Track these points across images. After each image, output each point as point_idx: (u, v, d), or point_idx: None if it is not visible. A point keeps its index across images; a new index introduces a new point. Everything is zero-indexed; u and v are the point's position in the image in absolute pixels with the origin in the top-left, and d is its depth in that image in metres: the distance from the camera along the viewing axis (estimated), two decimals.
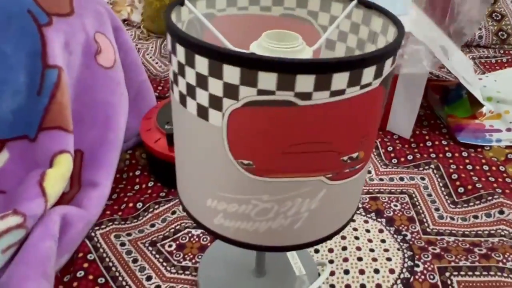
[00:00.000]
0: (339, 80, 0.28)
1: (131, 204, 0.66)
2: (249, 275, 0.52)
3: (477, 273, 0.55)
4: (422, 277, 0.55)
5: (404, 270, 0.56)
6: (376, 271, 0.55)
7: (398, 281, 0.54)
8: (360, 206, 0.66)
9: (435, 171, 0.73)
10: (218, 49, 0.28)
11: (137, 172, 0.72)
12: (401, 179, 0.72)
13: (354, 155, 0.33)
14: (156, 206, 0.65)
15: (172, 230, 0.61)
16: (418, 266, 0.56)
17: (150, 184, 0.70)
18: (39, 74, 0.58)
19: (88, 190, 0.62)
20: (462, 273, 0.55)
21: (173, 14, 0.36)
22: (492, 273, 0.55)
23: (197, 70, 0.30)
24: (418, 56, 0.72)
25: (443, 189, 0.71)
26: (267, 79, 0.27)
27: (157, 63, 1.09)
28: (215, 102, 0.30)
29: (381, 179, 0.72)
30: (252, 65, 0.27)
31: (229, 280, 0.52)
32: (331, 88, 0.28)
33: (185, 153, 0.36)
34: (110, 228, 0.61)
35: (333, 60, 0.27)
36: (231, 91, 0.29)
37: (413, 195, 0.69)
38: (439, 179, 0.72)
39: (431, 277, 0.54)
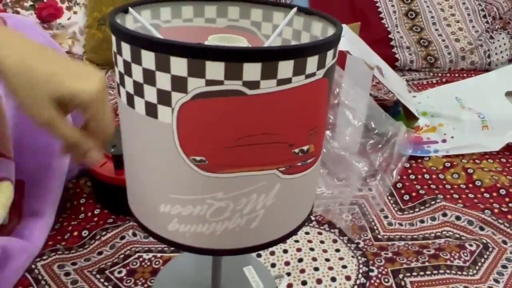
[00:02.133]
0: (285, 68, 0.29)
1: (75, 233, 0.62)
2: None
3: (428, 272, 0.56)
4: (377, 281, 0.55)
5: (360, 275, 0.56)
6: (333, 279, 0.56)
7: (355, 287, 0.54)
8: (313, 219, 0.67)
9: (381, 182, 0.76)
10: (165, 41, 0.28)
11: (82, 201, 0.69)
12: (350, 191, 0.74)
13: (305, 148, 0.34)
14: (104, 233, 0.62)
15: (122, 256, 0.58)
16: (372, 271, 0.57)
17: (97, 211, 0.67)
18: None
19: (30, 221, 0.58)
20: (414, 273, 0.56)
21: (117, 20, 0.36)
22: (441, 271, 0.56)
23: (144, 66, 0.30)
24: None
25: (389, 198, 0.73)
26: (215, 69, 0.28)
27: None
28: (164, 97, 0.30)
29: (331, 193, 0.73)
30: (199, 54, 0.27)
31: None
32: (278, 76, 0.29)
33: (135, 159, 0.35)
34: (53, 259, 0.56)
35: (278, 47, 0.28)
36: (179, 83, 0.29)
37: (363, 205, 0.71)
38: (385, 189, 0.75)
39: (386, 280, 0.55)
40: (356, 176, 0.72)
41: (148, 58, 0.29)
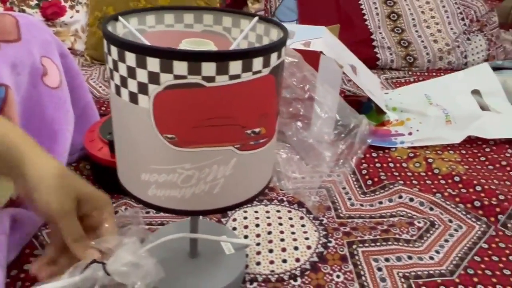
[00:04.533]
0: (235, 66, 0.38)
1: None
2: (185, 257, 0.59)
3: (378, 244, 0.65)
4: (334, 250, 0.64)
5: (319, 246, 0.65)
6: (296, 248, 0.65)
7: (314, 255, 0.63)
8: (285, 199, 0.76)
9: (349, 169, 0.85)
10: (143, 45, 0.37)
11: None
12: (320, 176, 0.83)
13: (257, 130, 0.43)
14: None
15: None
16: (330, 242, 0.66)
17: None
18: None
19: None
20: (366, 244, 0.65)
21: (109, 26, 0.45)
22: (390, 243, 0.65)
23: (127, 64, 0.38)
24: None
25: (355, 182, 0.82)
26: (180, 67, 0.37)
27: (100, 86, 1.16)
28: (143, 88, 0.39)
29: (303, 177, 0.82)
30: (168, 56, 0.36)
31: (167, 261, 0.58)
32: (229, 73, 0.38)
33: (121, 137, 0.44)
34: None
35: (228, 51, 0.37)
36: (154, 78, 0.38)
37: (330, 189, 0.80)
38: (352, 175, 0.84)
39: (341, 249, 0.64)
40: (325, 164, 0.81)
41: (130, 58, 0.38)
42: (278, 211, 0.73)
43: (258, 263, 0.62)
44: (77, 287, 0.48)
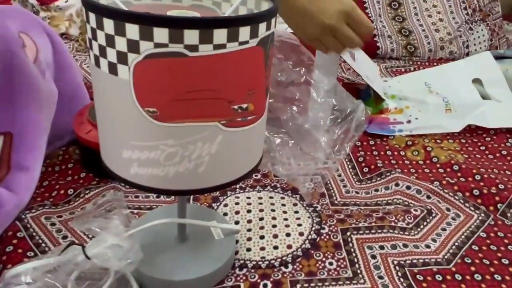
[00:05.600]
0: (219, 35, 0.35)
1: (62, 191, 0.69)
2: (173, 241, 0.57)
3: (373, 231, 0.63)
4: (327, 237, 0.62)
5: (312, 232, 0.63)
6: (288, 234, 0.63)
7: (306, 241, 0.61)
8: (279, 186, 0.74)
9: (344, 154, 0.83)
10: (121, 11, 0.34)
11: (70, 165, 0.76)
12: (316, 163, 0.81)
13: (244, 105, 0.41)
14: (87, 192, 0.69)
15: (103, 211, 0.65)
16: (324, 229, 0.64)
17: (82, 175, 0.74)
18: None
19: (18, 173, 0.65)
20: (361, 232, 0.63)
21: None
22: (385, 230, 0.63)
23: (105, 32, 0.36)
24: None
25: (351, 170, 0.80)
26: (161, 34, 0.34)
27: None
28: (122, 58, 0.36)
29: (298, 164, 0.80)
30: (148, 21, 0.34)
31: (154, 245, 0.57)
32: (214, 42, 0.35)
33: (102, 112, 0.42)
34: (41, 212, 0.64)
35: (213, 18, 0.34)
36: (133, 46, 0.35)
37: (325, 176, 0.78)
38: (348, 163, 0.82)
39: (334, 236, 0.62)
40: (321, 151, 0.78)
41: (109, 25, 0.36)
42: (271, 197, 0.71)
43: (248, 249, 0.60)
44: (56, 271, 0.46)
